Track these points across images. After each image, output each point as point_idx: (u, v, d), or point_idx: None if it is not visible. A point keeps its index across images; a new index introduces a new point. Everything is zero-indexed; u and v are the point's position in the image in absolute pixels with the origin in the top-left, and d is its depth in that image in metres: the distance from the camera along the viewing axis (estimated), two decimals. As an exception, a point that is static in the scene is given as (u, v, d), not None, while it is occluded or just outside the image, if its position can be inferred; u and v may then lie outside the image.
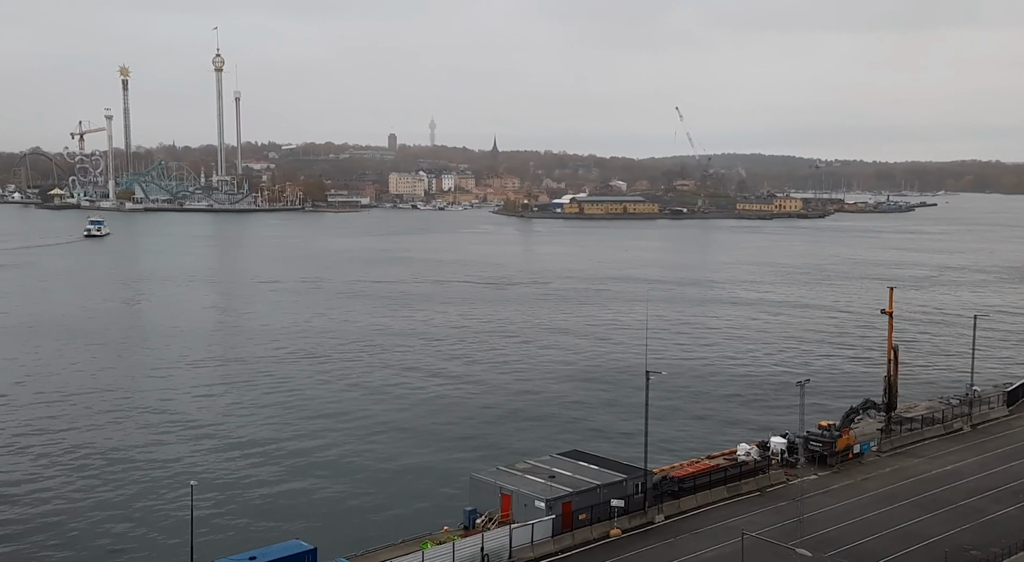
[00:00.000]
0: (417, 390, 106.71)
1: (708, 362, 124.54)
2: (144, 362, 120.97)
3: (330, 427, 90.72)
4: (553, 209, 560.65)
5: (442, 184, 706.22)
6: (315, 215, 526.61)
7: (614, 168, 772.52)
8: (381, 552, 52.94)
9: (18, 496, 70.74)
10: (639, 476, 61.16)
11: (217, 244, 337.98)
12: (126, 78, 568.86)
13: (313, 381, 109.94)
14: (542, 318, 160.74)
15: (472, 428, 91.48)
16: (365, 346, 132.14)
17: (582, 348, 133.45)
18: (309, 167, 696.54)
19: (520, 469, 61.95)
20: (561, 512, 56.66)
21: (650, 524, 59.65)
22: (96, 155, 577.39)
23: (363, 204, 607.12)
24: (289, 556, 49.08)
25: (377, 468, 78.73)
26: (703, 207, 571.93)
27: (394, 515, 66.96)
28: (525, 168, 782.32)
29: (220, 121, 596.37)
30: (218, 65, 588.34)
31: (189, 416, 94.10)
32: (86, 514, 67.49)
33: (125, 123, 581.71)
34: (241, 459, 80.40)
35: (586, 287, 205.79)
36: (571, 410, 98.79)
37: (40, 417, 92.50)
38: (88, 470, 76.97)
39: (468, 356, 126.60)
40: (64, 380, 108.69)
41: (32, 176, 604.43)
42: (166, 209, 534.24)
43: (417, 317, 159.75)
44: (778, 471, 69.28)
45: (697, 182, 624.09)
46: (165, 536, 63.09)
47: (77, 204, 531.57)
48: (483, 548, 52.29)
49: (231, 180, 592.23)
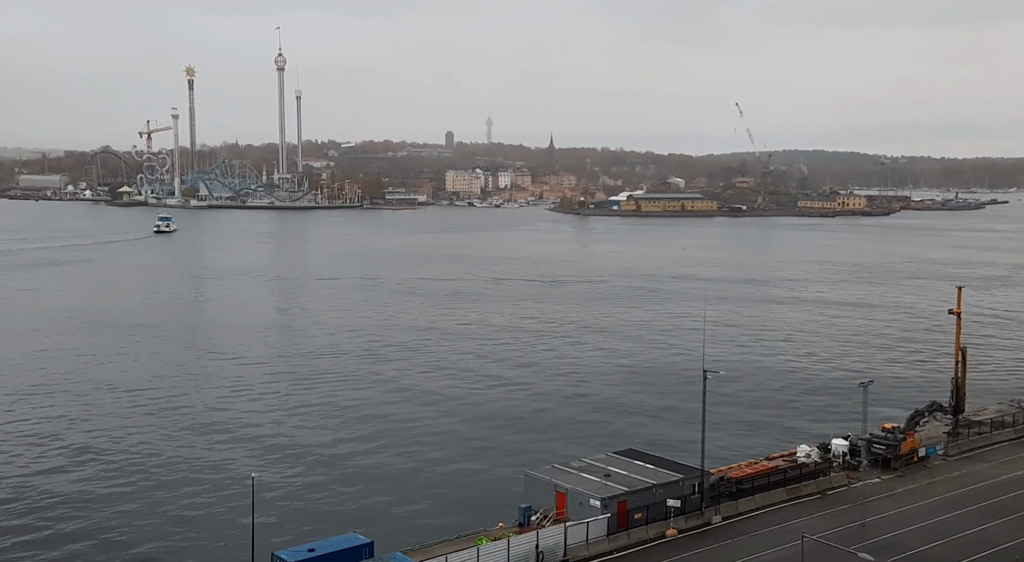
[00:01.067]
0: (472, 387, 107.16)
1: (767, 362, 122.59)
2: (206, 357, 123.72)
3: (387, 423, 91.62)
4: (610, 207, 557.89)
5: (498, 182, 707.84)
6: (373, 213, 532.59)
7: (672, 165, 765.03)
8: (436, 547, 53.28)
9: (83, 486, 72.83)
10: (696, 476, 60.48)
11: (278, 241, 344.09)
12: (192, 78, 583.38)
13: (370, 378, 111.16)
14: (597, 317, 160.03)
15: (527, 426, 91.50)
16: (421, 344, 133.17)
17: (638, 347, 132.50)
18: (367, 165, 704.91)
19: (575, 467, 61.78)
20: (616, 511, 56.33)
21: (707, 525, 58.95)
22: (163, 153, 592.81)
23: (420, 202, 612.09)
24: (347, 549, 49.73)
25: (433, 464, 79.26)
26: (763, 205, 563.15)
27: (449, 511, 67.33)
28: (582, 165, 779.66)
29: (282, 120, 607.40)
30: (280, 65, 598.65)
31: (249, 410, 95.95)
32: (150, 504, 69.27)
33: (191, 122, 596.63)
34: (300, 453, 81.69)
35: (642, 285, 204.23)
36: (626, 409, 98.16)
37: (106, 410, 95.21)
38: (152, 461, 78.98)
39: (523, 354, 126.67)
40: (130, 373, 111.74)
41: (102, 174, 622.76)
42: (229, 206, 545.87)
43: (473, 315, 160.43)
44: (839, 474, 67.87)
45: (757, 179, 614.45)
46: (226, 527, 64.44)
47: (145, 201, 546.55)
48: (538, 545, 52.25)
49: (292, 178, 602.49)
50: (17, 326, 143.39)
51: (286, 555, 48.51)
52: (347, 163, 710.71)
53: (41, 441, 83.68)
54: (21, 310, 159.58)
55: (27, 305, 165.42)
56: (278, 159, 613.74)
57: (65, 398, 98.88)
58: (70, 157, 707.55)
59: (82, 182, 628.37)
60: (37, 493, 70.76)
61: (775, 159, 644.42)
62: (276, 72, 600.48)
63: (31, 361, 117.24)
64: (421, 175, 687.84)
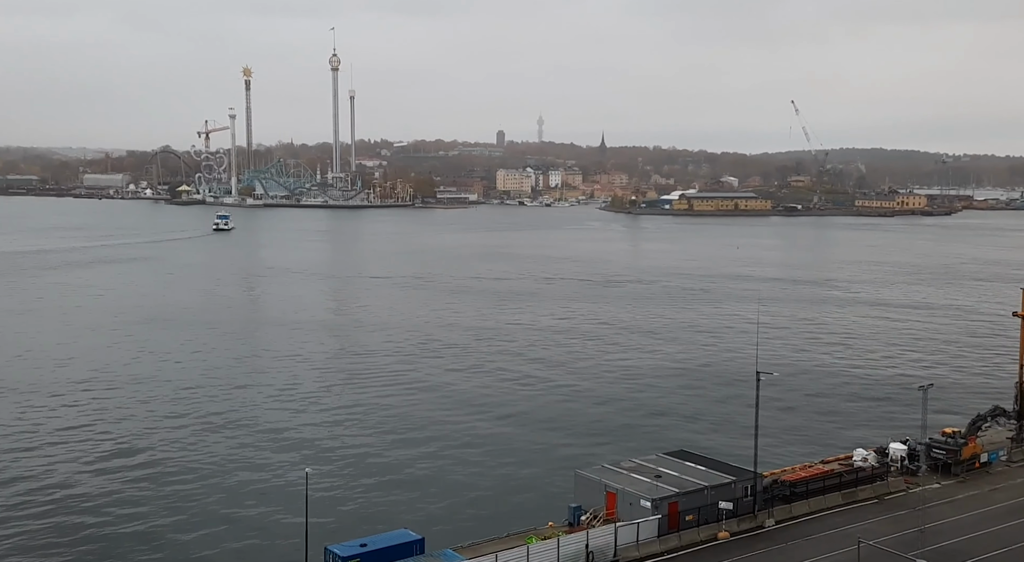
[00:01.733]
0: (522, 386, 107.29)
1: (822, 364, 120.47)
2: (262, 354, 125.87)
3: (438, 421, 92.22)
4: (661, 206, 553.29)
5: (549, 181, 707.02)
6: (424, 211, 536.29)
7: (725, 164, 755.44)
8: (486, 545, 53.44)
9: (138, 479, 74.50)
10: (748, 478, 59.70)
11: (331, 239, 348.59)
12: (248, 79, 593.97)
13: (422, 376, 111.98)
14: (648, 317, 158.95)
15: (577, 426, 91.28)
16: (472, 343, 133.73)
17: (689, 348, 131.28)
18: (419, 164, 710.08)
19: (626, 467, 61.44)
20: (667, 512, 55.89)
21: (760, 528, 58.16)
22: (220, 153, 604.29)
23: (471, 201, 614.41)
24: (398, 545, 50.16)
25: (483, 463, 79.56)
26: (819, 204, 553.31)
27: (499, 509, 67.49)
28: (633, 164, 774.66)
29: (335, 120, 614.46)
30: (334, 65, 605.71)
31: (303, 407, 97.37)
32: (205, 498, 70.69)
33: (247, 122, 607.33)
34: (352, 450, 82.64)
35: (694, 286, 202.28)
36: (677, 410, 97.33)
37: (162, 405, 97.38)
38: (207, 456, 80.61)
39: (573, 355, 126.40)
40: (187, 369, 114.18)
41: (162, 173, 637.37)
42: (284, 205, 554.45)
43: (523, 315, 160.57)
44: (897, 478, 66.36)
45: (813, 178, 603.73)
46: (280, 521, 65.50)
47: (203, 200, 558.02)
48: (588, 545, 52.10)
49: (345, 177, 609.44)
50: (79, 321, 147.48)
51: (338, 550, 49.13)
52: (399, 162, 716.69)
53: (97, 435, 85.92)
54: (84, 306, 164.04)
55: (89, 301, 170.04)
56: (332, 158, 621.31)
57: (122, 393, 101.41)
58: (132, 157, 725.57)
59: (143, 181, 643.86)
60: (92, 486, 72.62)
61: (832, 157, 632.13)
62: (330, 72, 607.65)
63: (91, 356, 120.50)
64: (472, 174, 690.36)
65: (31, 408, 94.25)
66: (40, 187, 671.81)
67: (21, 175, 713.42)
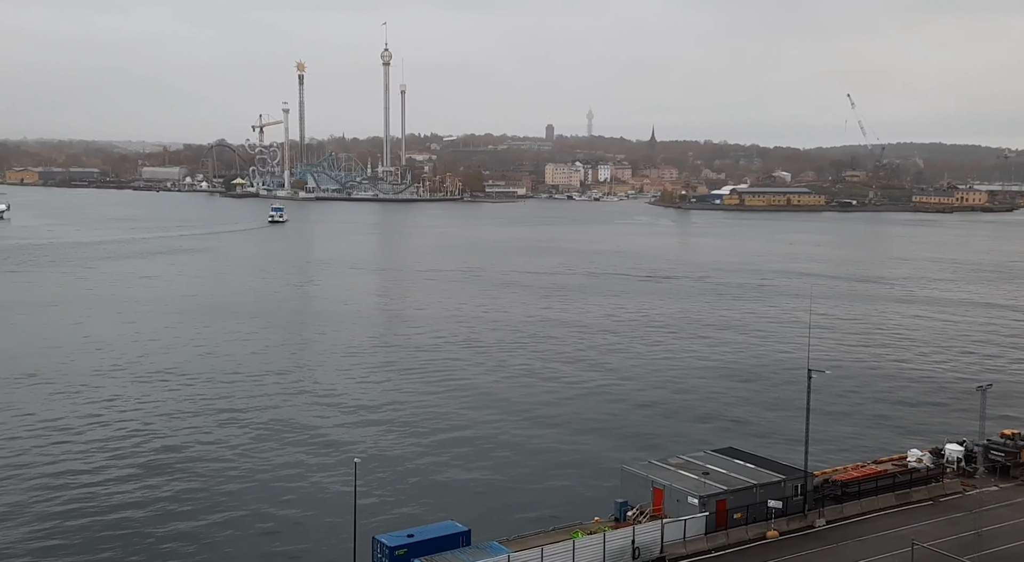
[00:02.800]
0: (569, 381, 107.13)
1: (877, 362, 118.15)
2: (312, 345, 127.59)
3: (485, 415, 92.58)
4: (712, 200, 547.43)
5: (598, 175, 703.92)
6: (473, 205, 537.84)
7: (777, 158, 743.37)
8: (532, 538, 53.54)
9: (189, 465, 75.96)
10: (799, 477, 58.87)
11: (381, 233, 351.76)
12: (302, 73, 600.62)
13: (469, 370, 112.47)
14: (698, 312, 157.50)
15: (624, 421, 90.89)
16: (520, 336, 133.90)
17: (739, 344, 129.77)
18: (468, 158, 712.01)
19: (673, 464, 61.02)
20: (715, 510, 55.40)
21: (810, 528, 57.32)
22: (274, 146, 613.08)
23: (519, 195, 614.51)
24: (444, 536, 50.57)
25: (529, 456, 79.67)
26: (874, 199, 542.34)
27: (545, 503, 67.54)
28: (683, 158, 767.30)
29: (386, 114, 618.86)
30: (386, 59, 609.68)
31: (351, 397, 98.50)
32: (255, 486, 71.84)
33: (300, 116, 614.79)
34: (400, 441, 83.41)
35: (745, 281, 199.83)
36: (726, 407, 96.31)
37: (215, 393, 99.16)
38: (257, 444, 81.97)
39: (620, 349, 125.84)
40: (238, 359, 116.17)
41: (217, 166, 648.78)
42: (335, 198, 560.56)
43: (571, 309, 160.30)
44: (953, 480, 64.84)
45: (869, 173, 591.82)
46: (328, 510, 66.34)
47: (256, 193, 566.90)
48: (634, 541, 51.91)
49: (395, 171, 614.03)
50: (135, 311, 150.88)
51: (386, 539, 49.67)
52: (449, 156, 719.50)
53: (144, 424, 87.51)
54: (140, 296, 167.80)
55: (147, 291, 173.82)
56: (382, 152, 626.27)
57: (177, 381, 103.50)
58: (188, 150, 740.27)
59: (199, 174, 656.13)
60: (138, 475, 73.90)
61: (889, 152, 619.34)
62: (382, 67, 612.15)
63: (148, 344, 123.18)
64: (521, 168, 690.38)
65: (82, 396, 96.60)
66: (101, 180, 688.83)
67: (83, 168, 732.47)
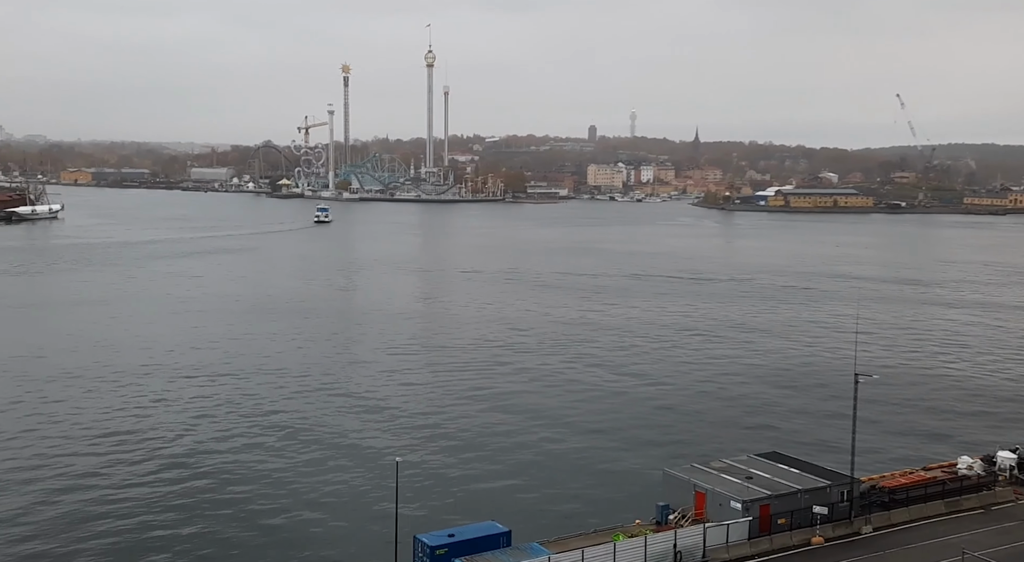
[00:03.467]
0: (611, 383, 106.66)
1: (926, 367, 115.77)
2: (355, 343, 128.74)
3: (525, 416, 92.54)
4: (756, 202, 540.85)
5: (640, 176, 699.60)
6: (515, 206, 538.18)
7: (824, 159, 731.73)
8: (573, 540, 53.36)
9: (226, 467, 76.78)
10: (845, 483, 57.88)
11: (424, 233, 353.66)
12: (347, 75, 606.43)
13: (510, 371, 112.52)
14: (741, 315, 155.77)
15: (665, 423, 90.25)
16: (561, 338, 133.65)
17: (784, 347, 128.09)
18: (510, 159, 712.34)
19: (715, 468, 60.37)
20: (758, 515, 54.70)
21: (856, 535, 56.31)
22: (319, 147, 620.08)
23: (561, 195, 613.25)
24: (485, 536, 50.63)
25: (571, 458, 79.47)
26: (924, 201, 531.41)
27: (586, 505, 67.33)
28: (727, 159, 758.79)
29: (429, 115, 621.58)
30: (429, 61, 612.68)
31: (392, 397, 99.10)
32: (296, 484, 72.57)
33: (345, 117, 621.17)
34: (440, 441, 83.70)
35: (790, 284, 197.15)
36: (770, 411, 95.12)
37: (257, 391, 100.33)
38: (299, 443, 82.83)
39: (662, 351, 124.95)
40: (281, 358, 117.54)
41: (264, 167, 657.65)
42: (378, 199, 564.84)
43: (613, 310, 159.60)
44: (1006, 488, 63.22)
45: (918, 174, 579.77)
46: (370, 509, 66.85)
47: (301, 194, 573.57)
48: (676, 545, 51.48)
49: (438, 171, 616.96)
50: (187, 310, 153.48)
51: (427, 539, 49.88)
52: (491, 157, 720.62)
53: (191, 418, 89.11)
54: (191, 295, 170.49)
55: (196, 290, 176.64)
56: (425, 153, 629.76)
57: (222, 379, 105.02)
58: (236, 151, 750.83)
59: (246, 175, 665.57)
60: (186, 468, 75.38)
61: (939, 153, 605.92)
62: (425, 68, 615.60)
63: (195, 343, 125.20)
64: (563, 169, 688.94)
65: (125, 394, 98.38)
66: (151, 180, 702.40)
67: (134, 169, 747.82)
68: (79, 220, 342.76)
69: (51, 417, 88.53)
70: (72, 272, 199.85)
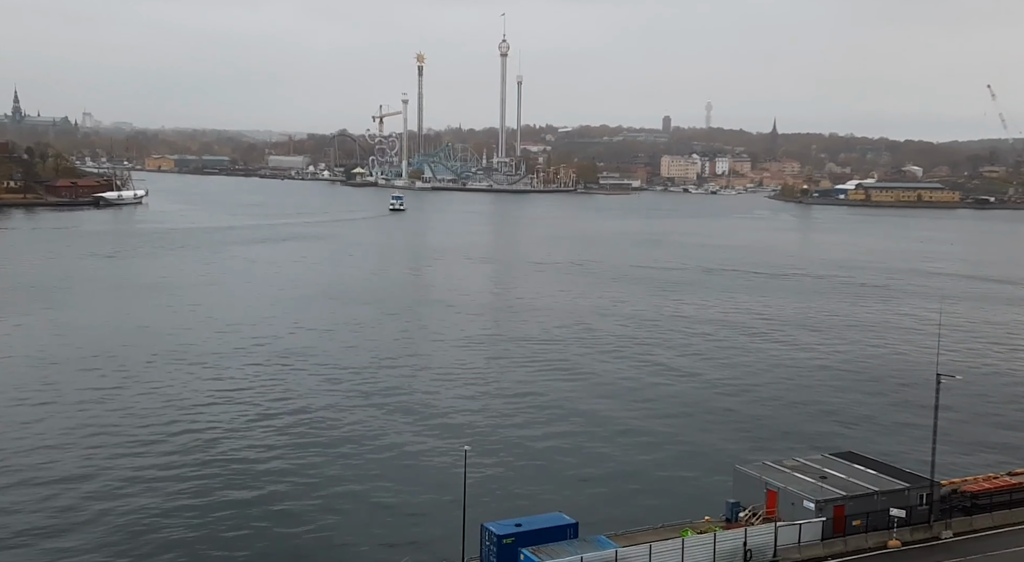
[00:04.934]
0: (682, 377, 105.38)
1: (1014, 370, 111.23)
2: (424, 332, 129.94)
3: (594, 409, 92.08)
4: (835, 195, 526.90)
5: (715, 167, 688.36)
6: (586, 197, 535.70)
7: (908, 152, 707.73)
8: (641, 534, 52.95)
9: (292, 452, 77.64)
10: (924, 486, 56.05)
11: (495, 222, 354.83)
12: (421, 65, 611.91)
13: (578, 363, 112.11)
14: (818, 311, 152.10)
15: (737, 420, 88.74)
16: (630, 332, 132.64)
17: (862, 345, 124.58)
18: (583, 150, 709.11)
19: (788, 466, 59.14)
20: (832, 515, 53.39)
21: (935, 540, 54.53)
22: (392, 137, 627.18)
23: (634, 187, 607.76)
24: (552, 527, 50.56)
25: (639, 453, 78.78)
26: (1015, 196, 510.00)
27: (654, 500, 66.65)
28: (806, 152, 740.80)
29: (503, 105, 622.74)
30: (503, 50, 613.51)
31: (461, 385, 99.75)
32: (366, 473, 73.49)
33: (419, 107, 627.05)
34: (509, 430, 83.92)
35: (870, 281, 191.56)
36: (847, 411, 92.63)
37: (323, 377, 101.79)
38: (364, 430, 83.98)
39: (735, 346, 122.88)
40: (354, 343, 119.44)
41: (339, 156, 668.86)
42: (450, 188, 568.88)
43: (683, 305, 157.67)
44: (1097, 498, 60.33)
45: (1010, 168, 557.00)
46: (439, 497, 67.36)
47: (375, 182, 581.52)
48: (746, 543, 50.62)
49: (510, 162, 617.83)
50: (257, 294, 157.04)
51: (495, 528, 50.06)
52: (563, 147, 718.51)
53: (267, 401, 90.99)
54: (266, 279, 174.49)
55: (273, 275, 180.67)
56: (498, 143, 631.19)
57: (295, 363, 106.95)
58: (312, 140, 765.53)
59: (321, 163, 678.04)
60: (258, 448, 76.99)
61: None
62: (499, 58, 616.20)
63: (261, 328, 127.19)
64: (636, 160, 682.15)
65: (203, 375, 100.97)
66: (231, 167, 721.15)
67: (215, 156, 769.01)
68: (162, 205, 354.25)
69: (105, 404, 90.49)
70: (154, 257, 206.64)
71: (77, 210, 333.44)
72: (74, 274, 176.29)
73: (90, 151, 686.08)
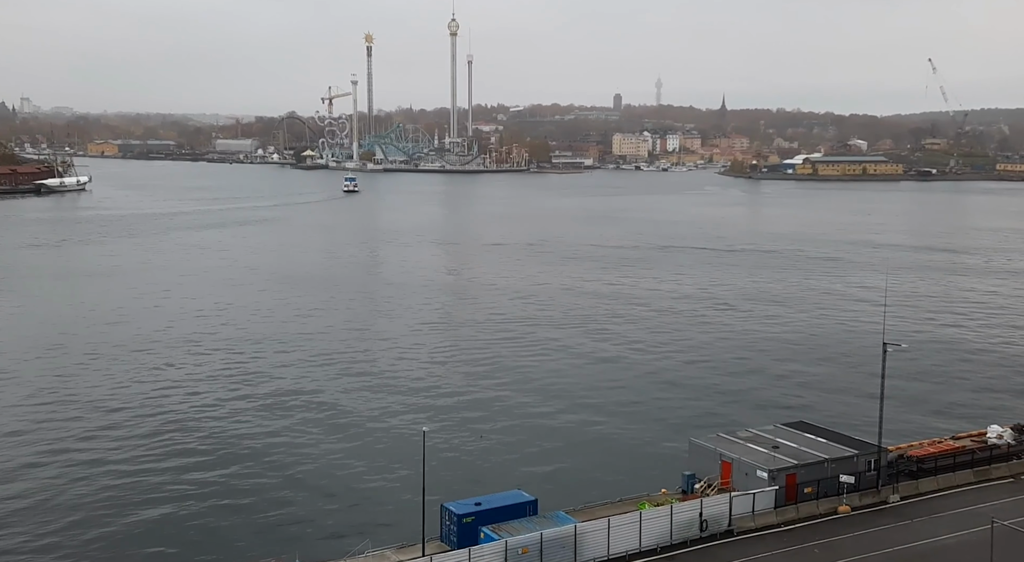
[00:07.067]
0: (637, 354, 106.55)
1: (956, 337, 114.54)
2: (381, 314, 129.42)
3: (550, 385, 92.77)
4: (784, 170, 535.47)
5: (666, 145, 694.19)
6: (539, 176, 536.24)
7: (853, 126, 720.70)
8: (599, 509, 53.65)
9: (252, 440, 77.68)
10: (872, 452, 57.60)
11: (449, 203, 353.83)
12: (370, 45, 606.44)
13: (535, 340, 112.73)
14: (767, 285, 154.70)
15: (691, 394, 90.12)
16: (585, 310, 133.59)
17: (811, 317, 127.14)
18: (535, 129, 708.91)
19: (742, 437, 60.27)
20: (785, 484, 54.65)
21: (883, 504, 56.15)
22: (342, 118, 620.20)
23: (586, 165, 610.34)
24: (512, 504, 50.98)
25: (596, 428, 79.66)
26: (956, 168, 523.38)
27: (611, 475, 67.46)
28: (755, 127, 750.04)
29: (453, 85, 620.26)
30: (453, 30, 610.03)
31: (418, 369, 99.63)
32: (323, 455, 73.39)
33: (368, 88, 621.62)
34: (466, 412, 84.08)
35: (817, 253, 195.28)
36: (797, 381, 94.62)
37: (279, 363, 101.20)
38: (325, 413, 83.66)
39: (688, 322, 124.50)
40: (307, 327, 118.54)
41: (288, 138, 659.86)
42: (403, 170, 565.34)
43: (638, 281, 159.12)
44: (1036, 458, 62.65)
45: (950, 141, 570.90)
46: (396, 478, 67.50)
47: (326, 164, 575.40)
48: (702, 513, 51.60)
49: (462, 142, 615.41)
50: (209, 279, 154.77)
51: (454, 507, 50.34)
52: (515, 127, 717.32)
53: (221, 390, 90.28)
54: (215, 265, 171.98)
55: (223, 261, 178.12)
56: (449, 123, 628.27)
57: (240, 348, 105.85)
58: (260, 123, 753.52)
59: (270, 146, 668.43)
60: (211, 441, 76.08)
61: (971, 119, 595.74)
62: (449, 37, 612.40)
63: (221, 315, 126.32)
64: (588, 139, 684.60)
65: (147, 366, 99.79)
66: (177, 152, 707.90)
67: (160, 140, 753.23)
68: (107, 192, 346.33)
69: (61, 392, 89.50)
70: (99, 244, 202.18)
71: (17, 198, 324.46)
72: (15, 264, 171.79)
73: (29, 137, 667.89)
